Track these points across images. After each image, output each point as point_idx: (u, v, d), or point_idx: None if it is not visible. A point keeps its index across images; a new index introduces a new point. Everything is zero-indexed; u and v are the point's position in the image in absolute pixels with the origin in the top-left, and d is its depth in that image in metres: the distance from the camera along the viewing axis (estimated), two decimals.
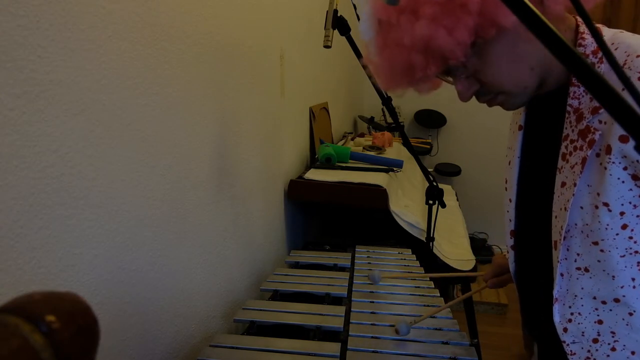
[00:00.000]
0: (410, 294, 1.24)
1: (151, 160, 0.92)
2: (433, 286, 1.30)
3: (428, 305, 1.17)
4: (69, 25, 0.69)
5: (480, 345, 1.67)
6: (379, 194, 1.77)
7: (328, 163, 2.02)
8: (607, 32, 0.71)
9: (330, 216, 2.07)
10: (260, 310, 1.13)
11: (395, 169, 2.07)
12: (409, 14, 0.64)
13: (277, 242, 1.76)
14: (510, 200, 0.87)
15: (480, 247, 3.84)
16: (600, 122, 0.67)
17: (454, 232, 2.17)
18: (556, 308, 0.77)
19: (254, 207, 1.50)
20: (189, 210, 1.08)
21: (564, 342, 0.77)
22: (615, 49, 0.67)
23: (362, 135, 3.19)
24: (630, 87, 0.31)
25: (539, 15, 0.32)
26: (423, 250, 1.69)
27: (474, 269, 1.89)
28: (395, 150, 2.57)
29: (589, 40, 0.70)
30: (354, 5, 1.29)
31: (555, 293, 0.76)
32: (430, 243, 1.69)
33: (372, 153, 2.38)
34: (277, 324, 1.07)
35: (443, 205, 1.59)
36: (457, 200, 2.72)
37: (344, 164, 2.08)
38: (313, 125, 2.21)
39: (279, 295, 1.26)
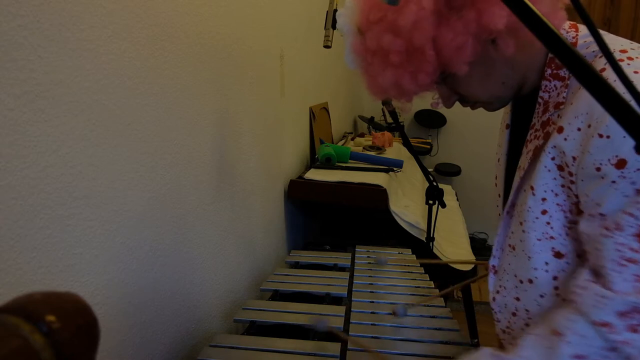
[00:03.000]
0: (411, 294, 1.24)
1: (151, 160, 0.92)
2: (433, 286, 1.30)
3: (428, 305, 1.17)
4: (69, 25, 0.69)
5: (480, 345, 1.66)
6: (379, 194, 1.77)
7: (328, 163, 2.02)
8: (583, 30, 0.74)
9: (330, 216, 2.07)
10: (260, 310, 1.13)
11: (395, 169, 2.07)
12: (381, 57, 0.71)
13: (277, 242, 1.76)
14: (500, 196, 0.93)
15: (480, 247, 3.84)
16: (558, 116, 0.70)
17: (454, 232, 2.17)
18: (491, 278, 0.84)
19: (254, 207, 1.50)
20: (189, 210, 1.08)
21: (493, 309, 0.84)
22: (587, 47, 0.71)
23: (362, 135, 3.19)
24: (634, 92, 0.31)
25: (538, 14, 0.32)
26: (423, 250, 1.69)
27: (474, 269, 1.89)
28: (395, 150, 2.57)
29: (564, 36, 0.73)
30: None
31: (493, 262, 0.83)
32: (430, 243, 1.69)
33: (372, 153, 2.38)
34: (277, 323, 1.07)
35: (443, 205, 1.59)
36: (457, 200, 2.72)
37: (344, 164, 2.08)
38: (313, 125, 2.21)
39: (279, 295, 1.25)
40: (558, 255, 0.72)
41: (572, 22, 0.75)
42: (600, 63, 0.66)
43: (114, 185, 0.81)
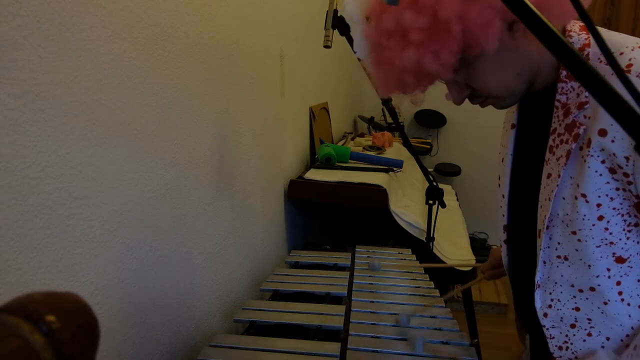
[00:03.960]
0: (411, 294, 1.24)
1: (151, 160, 0.92)
2: (433, 286, 1.30)
3: (428, 306, 1.17)
4: (69, 25, 0.69)
5: (480, 345, 1.67)
6: (379, 194, 1.77)
7: (328, 163, 2.02)
8: None
9: (330, 216, 2.07)
10: (260, 310, 1.13)
11: (395, 169, 2.07)
12: (399, 38, 0.67)
13: (277, 242, 1.76)
14: (503, 196, 0.91)
15: (480, 247, 3.84)
16: (585, 117, 0.69)
17: (454, 232, 2.17)
18: (538, 294, 0.80)
19: (254, 207, 1.50)
20: (189, 210, 1.08)
21: (544, 326, 0.80)
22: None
23: (362, 135, 3.19)
24: (628, 84, 0.31)
25: (539, 16, 0.32)
26: (423, 250, 1.68)
27: (474, 269, 1.89)
28: (395, 150, 2.57)
29: (575, 38, 0.73)
30: (349, 27, 1.30)
31: (537, 279, 0.80)
32: (430, 243, 1.69)
33: (372, 153, 2.38)
34: (277, 324, 1.07)
35: (443, 205, 1.59)
36: (457, 200, 2.72)
37: (344, 164, 2.08)
38: (313, 125, 2.21)
39: (279, 295, 1.25)
40: (620, 260, 0.71)
41: (582, 24, 0.74)
42: (622, 62, 0.65)
43: (114, 185, 0.81)
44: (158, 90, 0.93)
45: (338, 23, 1.28)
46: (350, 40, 1.36)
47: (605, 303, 0.74)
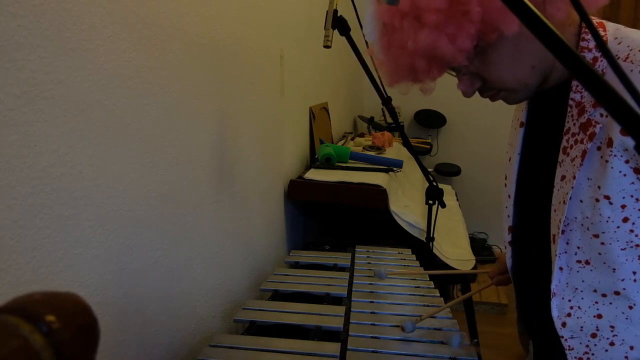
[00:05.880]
0: (410, 294, 1.24)
1: (151, 160, 0.92)
2: (433, 286, 1.30)
3: (428, 305, 1.17)
4: (69, 25, 0.69)
5: (480, 345, 1.67)
6: (379, 194, 1.77)
7: (328, 163, 2.02)
8: (611, 27, 0.71)
9: (330, 216, 2.07)
10: (260, 310, 1.13)
11: (395, 169, 2.07)
12: (412, 20, 0.65)
13: (277, 242, 1.76)
14: (509, 196, 0.88)
15: (480, 247, 3.84)
16: (601, 115, 0.67)
17: (454, 232, 2.17)
18: (554, 302, 0.76)
19: (254, 207, 1.50)
20: (189, 210, 1.08)
21: (562, 337, 0.76)
22: (619, 43, 0.68)
23: (362, 135, 3.19)
24: (629, 85, 0.31)
25: (540, 17, 0.32)
26: (423, 250, 1.69)
27: (474, 269, 1.89)
28: (395, 150, 2.57)
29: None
30: (356, 10, 1.29)
31: (553, 287, 0.76)
32: (430, 243, 1.69)
33: (372, 153, 2.38)
34: (277, 324, 1.07)
35: (443, 205, 1.59)
36: (457, 200, 2.72)
37: (343, 164, 2.08)
38: (313, 125, 2.21)
39: (279, 295, 1.26)
40: None
41: (599, 21, 0.72)
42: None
43: (114, 185, 0.81)
44: (158, 90, 0.93)
45: (338, 23, 1.28)
46: (350, 41, 1.36)
47: (631, 307, 0.71)
